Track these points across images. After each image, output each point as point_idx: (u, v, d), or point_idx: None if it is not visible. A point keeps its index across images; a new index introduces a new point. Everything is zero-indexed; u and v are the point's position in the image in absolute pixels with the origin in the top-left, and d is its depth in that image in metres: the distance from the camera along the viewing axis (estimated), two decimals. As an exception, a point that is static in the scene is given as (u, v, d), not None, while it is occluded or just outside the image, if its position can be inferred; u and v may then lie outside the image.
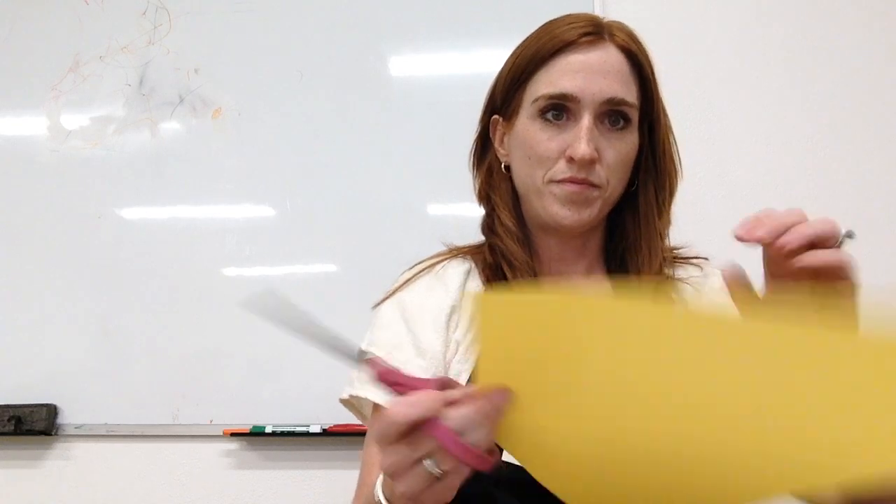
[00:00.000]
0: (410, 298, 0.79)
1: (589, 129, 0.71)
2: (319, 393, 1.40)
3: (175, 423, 1.47)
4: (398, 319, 0.78)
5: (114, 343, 1.52)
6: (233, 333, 1.49)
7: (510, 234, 0.78)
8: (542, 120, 0.74)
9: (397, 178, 1.51)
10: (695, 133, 1.48)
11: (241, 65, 1.62)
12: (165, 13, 1.68)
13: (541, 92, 0.74)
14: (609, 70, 0.73)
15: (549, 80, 0.74)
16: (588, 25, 0.74)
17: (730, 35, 1.53)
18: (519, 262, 0.77)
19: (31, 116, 1.68)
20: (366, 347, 0.78)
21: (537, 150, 0.74)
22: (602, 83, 0.72)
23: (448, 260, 0.83)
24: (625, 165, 0.75)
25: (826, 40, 1.50)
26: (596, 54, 0.73)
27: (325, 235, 1.52)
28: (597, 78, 0.72)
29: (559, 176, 0.73)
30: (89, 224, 1.59)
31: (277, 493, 1.44)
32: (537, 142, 0.74)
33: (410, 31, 1.59)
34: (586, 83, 0.72)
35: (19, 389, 1.52)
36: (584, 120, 0.72)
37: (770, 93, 1.49)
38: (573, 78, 0.72)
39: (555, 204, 0.74)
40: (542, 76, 0.75)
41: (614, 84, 0.73)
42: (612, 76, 0.73)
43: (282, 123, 1.58)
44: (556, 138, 0.73)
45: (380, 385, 0.49)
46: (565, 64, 0.73)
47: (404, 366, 0.73)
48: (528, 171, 0.76)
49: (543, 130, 0.74)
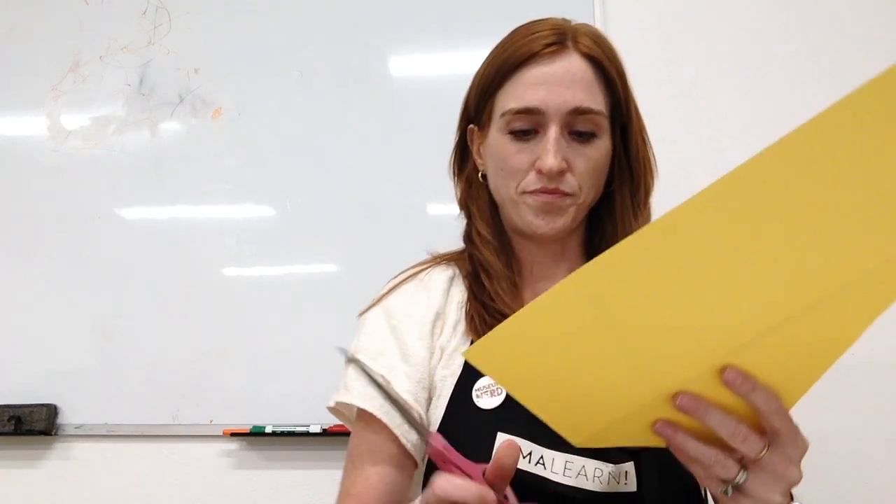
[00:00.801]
0: (395, 305, 0.80)
1: (555, 140, 0.72)
2: (319, 393, 1.39)
3: (175, 423, 1.47)
4: (384, 326, 0.79)
5: (114, 343, 1.52)
6: (233, 333, 1.49)
7: (487, 244, 0.80)
8: (510, 134, 0.75)
9: (397, 178, 1.51)
10: (695, 133, 1.48)
11: (241, 65, 1.62)
12: (165, 13, 1.68)
13: (507, 106, 0.75)
14: (572, 80, 0.73)
15: (515, 94, 0.75)
16: (551, 35, 0.75)
17: (730, 35, 1.52)
18: (495, 271, 0.78)
19: (31, 116, 1.68)
20: (352, 354, 0.80)
21: (508, 162, 0.75)
22: (566, 94, 0.72)
23: (432, 267, 0.85)
24: (596, 171, 0.76)
25: (827, 40, 1.50)
26: (559, 64, 0.74)
27: (325, 235, 1.52)
28: (560, 89, 0.73)
29: (531, 187, 0.74)
30: (89, 224, 1.59)
31: (277, 493, 1.44)
32: (508, 155, 0.75)
33: (410, 31, 1.59)
34: (550, 95, 0.72)
35: (19, 389, 1.52)
36: (550, 132, 0.73)
37: (770, 93, 1.49)
38: (536, 91, 0.73)
39: (529, 214, 0.76)
40: (508, 89, 0.76)
41: (578, 93, 0.73)
42: (576, 85, 0.73)
43: (282, 123, 1.58)
44: (525, 150, 0.74)
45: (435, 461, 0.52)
46: (529, 77, 0.74)
47: (389, 371, 0.75)
48: (502, 182, 0.77)
49: (513, 143, 0.75)
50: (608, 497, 0.68)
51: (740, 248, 0.42)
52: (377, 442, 0.75)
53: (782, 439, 0.50)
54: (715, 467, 0.50)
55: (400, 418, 0.73)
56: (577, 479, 0.68)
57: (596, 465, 0.69)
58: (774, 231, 0.42)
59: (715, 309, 0.45)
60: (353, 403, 0.76)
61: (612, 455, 0.69)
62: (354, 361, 0.78)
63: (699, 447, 0.50)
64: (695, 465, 0.52)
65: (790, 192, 0.40)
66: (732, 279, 0.44)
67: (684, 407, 0.49)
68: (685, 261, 0.43)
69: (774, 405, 0.49)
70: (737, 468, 0.50)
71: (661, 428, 0.51)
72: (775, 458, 0.50)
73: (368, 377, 0.53)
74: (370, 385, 0.75)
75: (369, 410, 0.74)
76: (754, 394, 0.48)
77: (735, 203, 0.41)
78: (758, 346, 0.47)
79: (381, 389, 0.53)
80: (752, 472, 0.50)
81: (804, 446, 0.51)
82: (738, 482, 0.50)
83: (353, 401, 0.76)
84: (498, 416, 0.56)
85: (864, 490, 1.31)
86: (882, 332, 1.36)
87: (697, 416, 0.49)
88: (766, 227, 0.42)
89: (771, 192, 0.40)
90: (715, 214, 0.41)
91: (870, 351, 1.35)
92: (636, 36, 1.52)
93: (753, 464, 0.50)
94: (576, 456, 0.69)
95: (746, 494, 0.50)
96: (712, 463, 0.50)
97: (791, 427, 0.50)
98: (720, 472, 0.50)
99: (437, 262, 0.86)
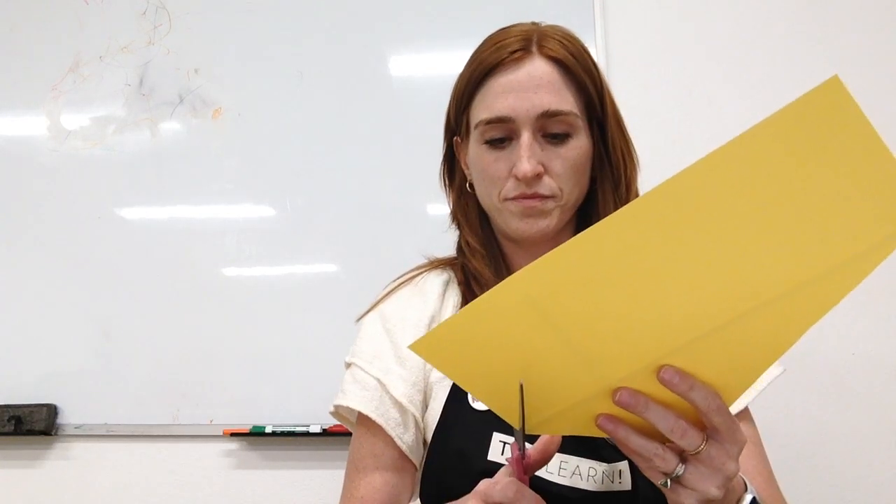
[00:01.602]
0: (391, 309, 0.82)
1: (528, 146, 0.73)
2: (319, 393, 1.40)
3: (175, 423, 1.47)
4: (379, 330, 0.81)
5: (114, 343, 1.52)
6: (233, 333, 1.49)
7: (476, 253, 0.82)
8: (486, 144, 0.76)
9: (397, 178, 1.51)
10: (695, 133, 1.48)
11: (241, 65, 1.62)
12: (165, 13, 1.68)
13: (479, 117, 0.76)
14: (538, 84, 0.74)
15: (485, 105, 0.76)
16: (515, 42, 0.76)
17: (731, 34, 1.52)
18: (485, 279, 0.79)
19: (31, 116, 1.68)
20: (349, 359, 0.81)
21: (488, 171, 0.77)
22: (533, 99, 0.73)
23: (428, 271, 0.86)
24: (576, 170, 0.76)
25: (828, 39, 1.50)
26: (524, 70, 0.74)
27: (325, 235, 1.52)
28: (527, 94, 0.73)
29: (511, 193, 0.75)
30: (89, 224, 1.59)
31: (277, 493, 1.44)
32: (486, 164, 0.77)
33: (410, 31, 1.59)
34: (518, 101, 0.73)
35: (19, 389, 1.52)
36: (522, 138, 0.74)
37: (771, 92, 1.49)
38: (505, 99, 0.74)
39: (513, 220, 0.77)
40: (479, 100, 0.77)
41: (545, 97, 0.73)
42: (543, 89, 0.74)
43: (282, 123, 1.58)
44: (501, 158, 0.76)
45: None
46: (496, 86, 0.75)
47: (385, 374, 0.76)
48: (485, 190, 0.79)
49: (489, 153, 0.76)
50: (603, 496, 0.68)
51: (673, 256, 0.44)
52: (377, 445, 0.76)
53: (721, 435, 0.51)
54: (655, 460, 0.51)
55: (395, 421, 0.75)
56: (572, 479, 0.68)
57: (590, 464, 0.69)
58: (706, 240, 0.43)
59: (650, 313, 0.47)
60: (350, 406, 0.77)
61: (606, 454, 0.70)
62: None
63: (640, 441, 0.52)
64: (637, 457, 0.53)
65: (722, 203, 0.42)
66: (666, 285, 0.45)
67: (623, 403, 0.50)
68: (619, 266, 0.44)
69: (714, 403, 0.50)
70: (676, 461, 0.51)
71: (604, 423, 0.52)
72: (713, 452, 0.51)
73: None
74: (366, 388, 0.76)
75: (365, 413, 0.75)
76: (692, 392, 0.50)
77: (668, 212, 0.42)
78: (696, 347, 0.48)
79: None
80: (690, 465, 0.51)
81: (742, 440, 0.52)
82: (677, 474, 0.51)
83: (350, 404, 0.77)
84: (493, 417, 0.57)
85: (864, 490, 1.31)
86: (882, 332, 1.36)
87: (637, 411, 0.50)
88: (697, 237, 0.43)
89: (703, 203, 0.42)
90: (649, 223, 0.42)
91: (870, 351, 1.36)
92: (636, 36, 1.52)
93: (692, 457, 0.51)
94: (570, 456, 0.69)
95: (685, 486, 0.51)
96: (652, 456, 0.51)
97: (730, 423, 0.51)
98: (660, 465, 0.51)
99: (432, 267, 0.87)
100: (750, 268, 0.44)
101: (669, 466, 0.51)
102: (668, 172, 0.42)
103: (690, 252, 0.44)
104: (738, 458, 0.52)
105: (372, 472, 0.75)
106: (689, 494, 0.51)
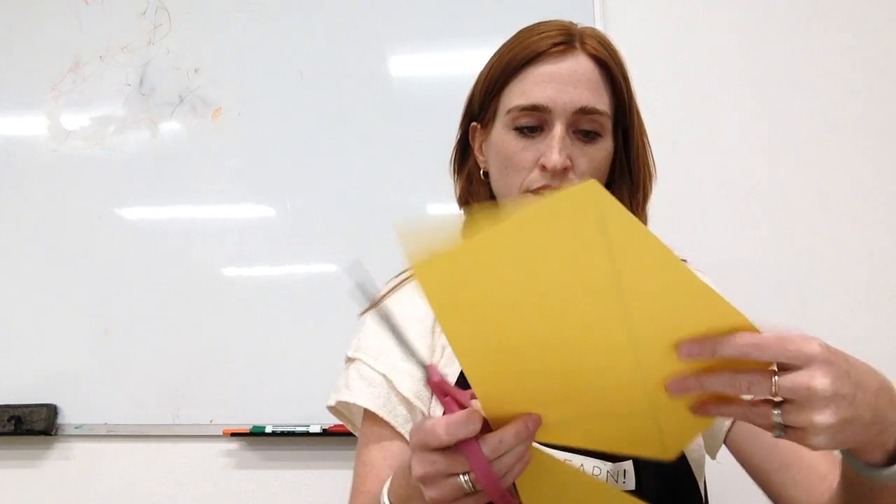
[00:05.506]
0: (395, 306, 0.81)
1: (561, 138, 0.73)
2: (319, 393, 1.39)
3: (175, 423, 1.47)
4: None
5: (114, 343, 1.52)
6: (233, 333, 1.49)
7: None
8: (515, 130, 0.76)
9: (397, 178, 1.51)
10: (695, 133, 1.47)
11: (241, 65, 1.62)
12: (165, 13, 1.68)
13: (513, 103, 0.75)
14: (580, 79, 0.74)
15: (522, 91, 0.75)
16: (559, 35, 0.75)
17: (731, 35, 1.52)
18: None
19: (31, 116, 1.68)
20: (353, 353, 0.80)
21: (512, 159, 0.76)
22: (573, 93, 0.73)
23: None
24: (598, 171, 0.76)
25: (828, 40, 1.50)
26: (566, 64, 0.74)
27: (325, 235, 1.52)
28: (567, 88, 0.73)
29: (534, 185, 0.75)
30: (89, 224, 1.59)
31: (277, 493, 1.44)
32: (512, 152, 0.76)
33: (410, 31, 1.59)
34: (557, 93, 0.73)
35: (19, 389, 1.52)
36: (556, 129, 0.73)
37: (771, 92, 1.49)
38: (544, 88, 0.74)
39: None
40: (515, 87, 0.76)
41: (585, 93, 0.74)
42: (583, 85, 0.74)
43: (282, 123, 1.58)
44: (530, 148, 0.75)
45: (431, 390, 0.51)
46: (536, 75, 0.75)
47: (391, 370, 0.75)
48: (505, 179, 0.78)
49: (517, 140, 0.76)
50: None
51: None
52: (385, 438, 0.76)
53: (782, 363, 0.45)
54: (745, 387, 0.46)
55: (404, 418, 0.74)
56: None
57: (594, 463, 0.69)
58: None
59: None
60: (357, 403, 0.76)
61: (610, 453, 0.70)
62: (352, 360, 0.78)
63: (717, 378, 0.47)
64: (729, 408, 0.48)
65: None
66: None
67: (677, 392, 0.48)
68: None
69: (747, 343, 0.45)
70: (766, 380, 0.45)
71: (674, 385, 0.48)
72: (786, 383, 0.45)
73: (389, 326, 0.50)
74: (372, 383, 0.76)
75: (372, 410, 0.74)
76: (720, 350, 0.45)
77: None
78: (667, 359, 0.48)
79: (394, 331, 0.51)
80: (784, 406, 0.45)
81: (810, 350, 0.45)
82: (778, 422, 0.46)
83: (356, 400, 0.76)
84: None
85: (864, 490, 1.31)
86: (882, 332, 1.36)
87: (695, 390, 0.47)
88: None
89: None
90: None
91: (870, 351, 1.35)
92: (635, 36, 1.52)
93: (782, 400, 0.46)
94: (574, 454, 0.69)
95: (797, 427, 0.46)
96: (742, 385, 0.46)
97: (780, 347, 0.45)
98: (755, 390, 0.46)
99: None
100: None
101: (764, 387, 0.45)
102: (668, 172, 0.42)
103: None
104: (826, 370, 0.44)
105: (379, 464, 0.75)
106: (808, 435, 0.45)
